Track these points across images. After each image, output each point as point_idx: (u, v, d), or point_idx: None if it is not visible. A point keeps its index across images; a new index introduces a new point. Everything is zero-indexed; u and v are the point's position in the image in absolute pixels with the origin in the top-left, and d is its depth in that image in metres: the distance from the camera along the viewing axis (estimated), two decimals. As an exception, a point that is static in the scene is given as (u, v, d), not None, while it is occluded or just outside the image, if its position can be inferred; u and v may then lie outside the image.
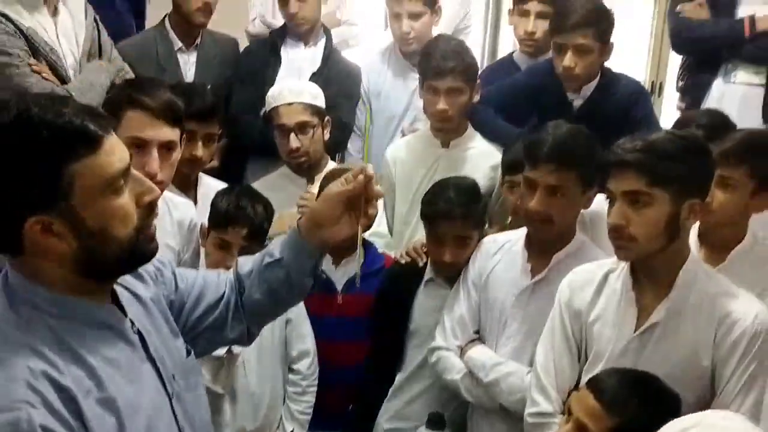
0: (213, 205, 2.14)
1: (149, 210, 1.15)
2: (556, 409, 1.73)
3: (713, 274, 1.69)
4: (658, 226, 1.56)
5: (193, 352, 1.33)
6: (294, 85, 2.62)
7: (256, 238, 2.09)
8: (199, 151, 2.34)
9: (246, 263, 1.42)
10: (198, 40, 2.93)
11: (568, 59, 2.48)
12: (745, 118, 2.79)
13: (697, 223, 1.98)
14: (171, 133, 1.81)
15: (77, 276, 1.11)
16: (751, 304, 1.62)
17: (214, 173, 2.57)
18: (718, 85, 2.91)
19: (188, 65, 2.91)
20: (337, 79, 2.91)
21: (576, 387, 1.69)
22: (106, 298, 1.18)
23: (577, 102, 2.61)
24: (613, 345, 1.66)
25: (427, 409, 2.11)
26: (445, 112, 2.52)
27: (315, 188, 2.54)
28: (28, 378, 1.02)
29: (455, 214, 2.09)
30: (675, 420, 1.23)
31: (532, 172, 1.88)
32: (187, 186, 2.33)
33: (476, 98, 2.59)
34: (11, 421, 0.98)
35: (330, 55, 2.96)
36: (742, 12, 2.85)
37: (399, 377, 2.28)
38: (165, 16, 2.94)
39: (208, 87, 2.56)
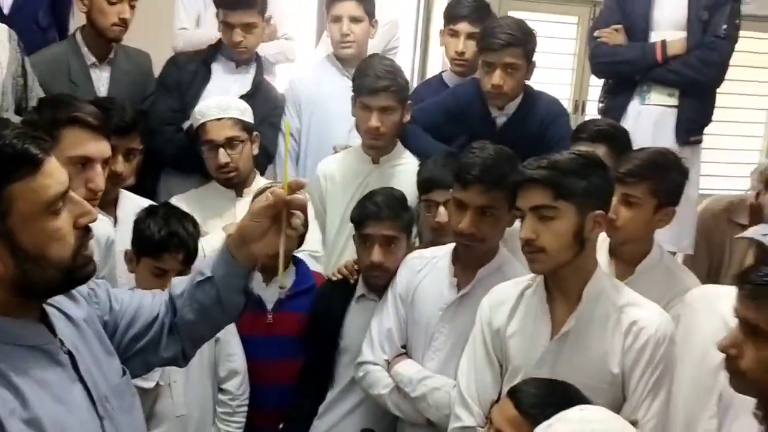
0: (139, 230, 2.08)
1: (86, 232, 1.15)
2: (479, 423, 1.78)
3: (620, 285, 1.79)
4: (566, 237, 1.65)
5: (128, 373, 1.32)
6: (222, 100, 2.61)
7: (192, 261, 2.07)
8: (120, 166, 2.31)
9: (179, 284, 1.42)
10: (111, 55, 2.87)
11: (497, 77, 2.57)
12: (660, 138, 2.96)
13: (608, 240, 2.09)
14: (109, 148, 1.81)
15: (10, 296, 1.10)
16: (655, 314, 1.72)
17: (130, 190, 2.51)
18: (634, 106, 3.04)
19: (101, 81, 2.84)
20: (264, 106, 2.91)
21: (498, 400, 1.74)
22: (35, 318, 1.17)
23: (500, 120, 2.70)
24: (530, 356, 1.74)
25: (359, 426, 2.14)
26: (377, 129, 2.56)
27: (245, 203, 2.54)
28: None
29: (383, 214, 2.16)
30: (540, 425, 1.30)
31: (462, 194, 1.95)
32: (106, 203, 2.26)
33: (407, 117, 2.65)
34: None
35: (261, 82, 2.96)
36: (655, 36, 2.99)
37: (330, 395, 2.29)
38: (76, 30, 2.86)
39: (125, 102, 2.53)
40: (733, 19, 2.93)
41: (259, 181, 2.65)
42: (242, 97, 2.82)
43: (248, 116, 2.60)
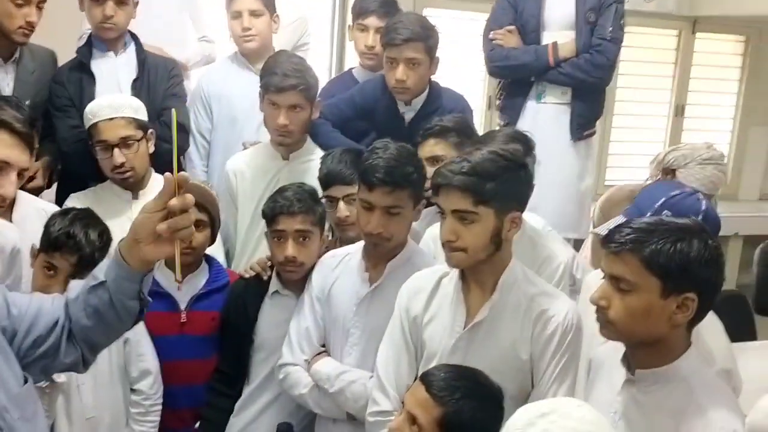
0: (46, 225, 2.05)
1: None
2: (396, 407, 1.82)
3: (532, 276, 1.86)
4: (484, 239, 1.72)
5: (30, 380, 1.29)
6: (113, 99, 2.52)
7: (87, 267, 1.99)
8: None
9: (75, 288, 1.39)
10: (16, 54, 2.75)
11: (400, 72, 2.62)
12: (558, 133, 3.14)
13: None
14: (29, 160, 1.77)
15: None
16: (564, 303, 1.80)
17: (37, 193, 2.44)
18: (531, 104, 3.18)
19: (6, 80, 2.72)
20: (160, 81, 2.83)
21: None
22: None
23: (408, 115, 2.76)
24: (444, 343, 1.80)
25: (275, 421, 2.12)
26: (286, 126, 2.57)
27: (141, 204, 2.49)
28: None
29: (295, 209, 2.16)
30: (528, 405, 1.35)
31: (368, 195, 1.98)
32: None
33: (316, 114, 2.67)
34: None
35: (145, 59, 2.85)
36: (547, 36, 3.13)
37: (245, 391, 2.28)
38: None
39: (27, 102, 2.43)
40: (618, 21, 3.09)
41: (155, 180, 2.56)
42: (135, 80, 2.77)
43: (142, 114, 2.52)
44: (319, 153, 2.68)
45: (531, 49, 3.12)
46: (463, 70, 4.14)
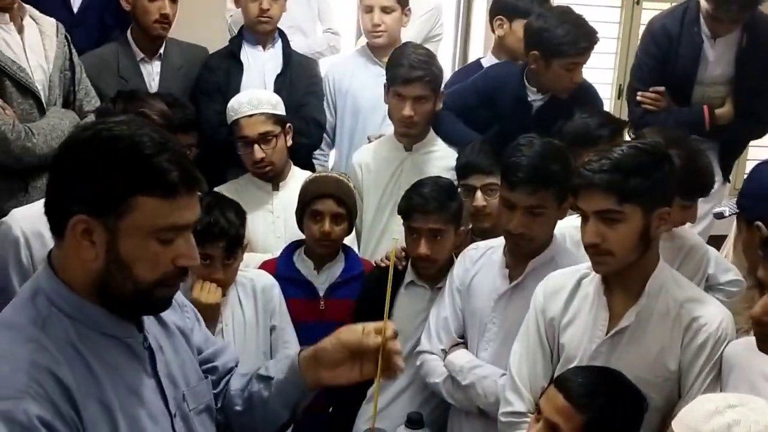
0: None
1: (180, 272, 1.18)
2: (529, 409, 1.79)
3: (681, 279, 1.76)
4: (632, 239, 1.63)
5: (208, 378, 1.36)
6: (253, 96, 2.62)
7: (237, 245, 2.11)
8: None
9: (247, 366, 1.47)
10: (161, 50, 2.91)
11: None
12: None
13: None
14: None
15: (94, 288, 1.15)
16: (717, 310, 1.69)
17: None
18: None
19: (152, 75, 2.89)
20: (301, 78, 2.95)
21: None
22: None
23: (537, 103, 2.68)
24: (584, 348, 1.73)
25: (405, 410, 2.17)
26: (411, 118, 2.59)
27: (281, 196, 2.60)
28: (32, 371, 1.06)
29: (429, 207, 2.16)
30: (708, 396, 1.29)
31: (510, 194, 1.93)
32: None
33: (439, 105, 2.67)
34: (10, 409, 1.02)
35: (291, 55, 2.98)
36: (698, 91, 2.95)
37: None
38: (128, 28, 2.93)
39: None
40: None
41: (295, 173, 2.68)
42: (279, 75, 2.87)
43: (280, 109, 2.62)
44: (441, 144, 2.71)
45: (684, 113, 2.95)
46: (593, 59, 3.99)
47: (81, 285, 1.15)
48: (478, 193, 2.29)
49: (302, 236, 2.43)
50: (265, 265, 2.41)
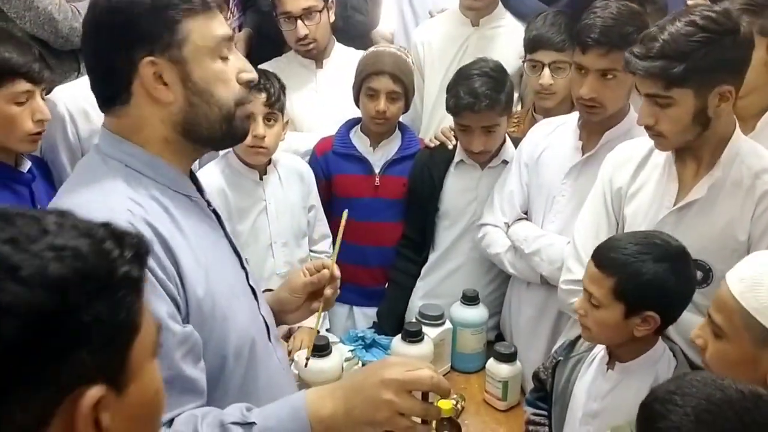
0: None
1: (247, 87, 1.20)
2: None
3: (758, 149, 1.66)
4: (685, 121, 1.55)
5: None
6: None
7: (276, 104, 2.11)
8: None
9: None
10: None
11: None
12: None
13: None
14: None
15: (174, 134, 1.16)
16: None
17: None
18: None
19: None
20: None
21: None
22: (186, 172, 1.22)
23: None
24: (650, 218, 1.68)
25: (458, 288, 2.19)
26: None
27: (324, 73, 2.54)
28: (131, 218, 1.06)
29: (480, 106, 2.08)
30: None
31: (581, 58, 1.88)
32: None
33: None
34: None
35: None
36: None
37: (431, 257, 2.35)
38: None
39: None
40: None
41: (338, 49, 2.60)
42: None
43: None
44: (510, 18, 2.57)
45: None
46: None
47: (158, 141, 1.15)
48: (546, 71, 2.18)
49: (348, 114, 2.40)
50: (321, 142, 2.40)
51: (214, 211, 1.26)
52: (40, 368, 0.57)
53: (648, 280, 1.41)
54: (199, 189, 1.26)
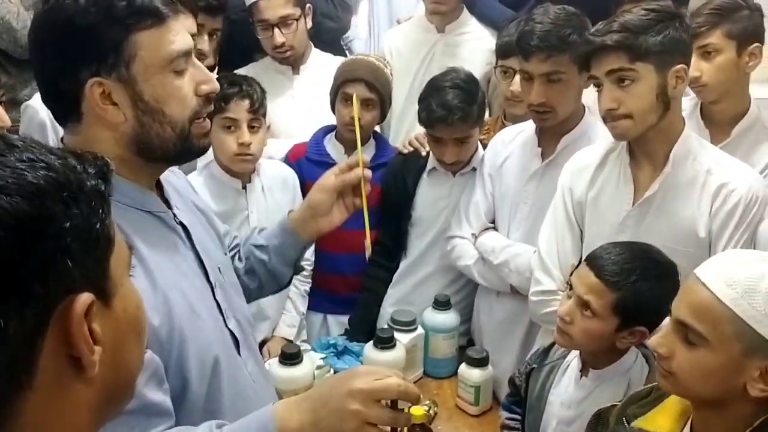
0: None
1: (206, 102, 1.16)
2: (559, 287, 1.79)
3: (708, 146, 1.71)
4: (649, 98, 1.59)
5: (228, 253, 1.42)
6: None
7: (259, 109, 2.11)
8: (205, 45, 2.30)
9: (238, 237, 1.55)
10: None
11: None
12: None
13: (699, 104, 2.01)
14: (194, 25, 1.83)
15: (129, 154, 1.13)
16: (746, 174, 1.65)
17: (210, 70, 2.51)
18: None
19: None
20: None
21: (578, 266, 1.74)
22: (150, 186, 1.20)
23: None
24: (612, 221, 1.71)
25: (430, 295, 2.21)
26: None
27: (301, 80, 2.54)
28: None
29: (453, 119, 2.08)
30: (738, 250, 1.28)
31: (525, 65, 1.90)
32: None
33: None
34: None
35: None
36: None
37: (403, 264, 2.36)
38: None
39: None
40: None
41: (315, 56, 2.61)
42: None
43: None
44: (476, 24, 2.59)
45: None
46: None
47: (114, 159, 1.06)
48: (517, 77, 2.17)
49: (325, 121, 2.39)
50: (295, 148, 2.39)
51: (181, 223, 1.24)
52: (27, 277, 0.58)
53: (649, 298, 1.43)
54: (168, 199, 1.23)
